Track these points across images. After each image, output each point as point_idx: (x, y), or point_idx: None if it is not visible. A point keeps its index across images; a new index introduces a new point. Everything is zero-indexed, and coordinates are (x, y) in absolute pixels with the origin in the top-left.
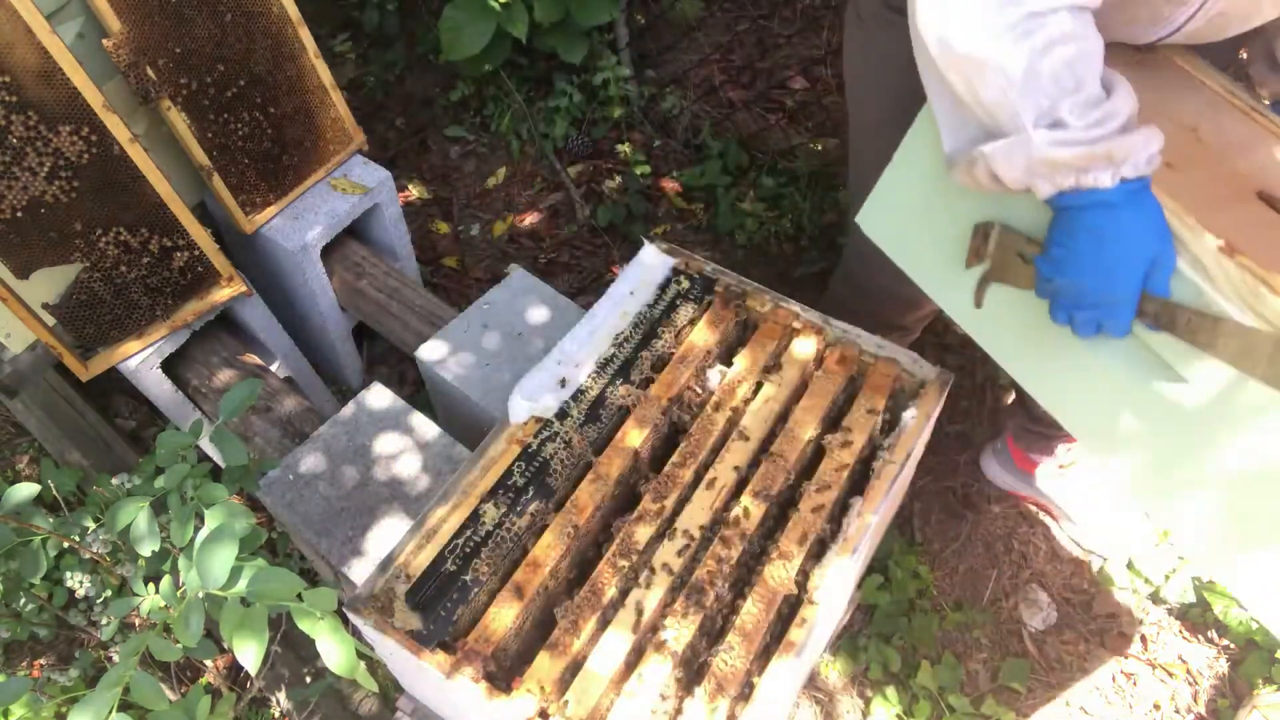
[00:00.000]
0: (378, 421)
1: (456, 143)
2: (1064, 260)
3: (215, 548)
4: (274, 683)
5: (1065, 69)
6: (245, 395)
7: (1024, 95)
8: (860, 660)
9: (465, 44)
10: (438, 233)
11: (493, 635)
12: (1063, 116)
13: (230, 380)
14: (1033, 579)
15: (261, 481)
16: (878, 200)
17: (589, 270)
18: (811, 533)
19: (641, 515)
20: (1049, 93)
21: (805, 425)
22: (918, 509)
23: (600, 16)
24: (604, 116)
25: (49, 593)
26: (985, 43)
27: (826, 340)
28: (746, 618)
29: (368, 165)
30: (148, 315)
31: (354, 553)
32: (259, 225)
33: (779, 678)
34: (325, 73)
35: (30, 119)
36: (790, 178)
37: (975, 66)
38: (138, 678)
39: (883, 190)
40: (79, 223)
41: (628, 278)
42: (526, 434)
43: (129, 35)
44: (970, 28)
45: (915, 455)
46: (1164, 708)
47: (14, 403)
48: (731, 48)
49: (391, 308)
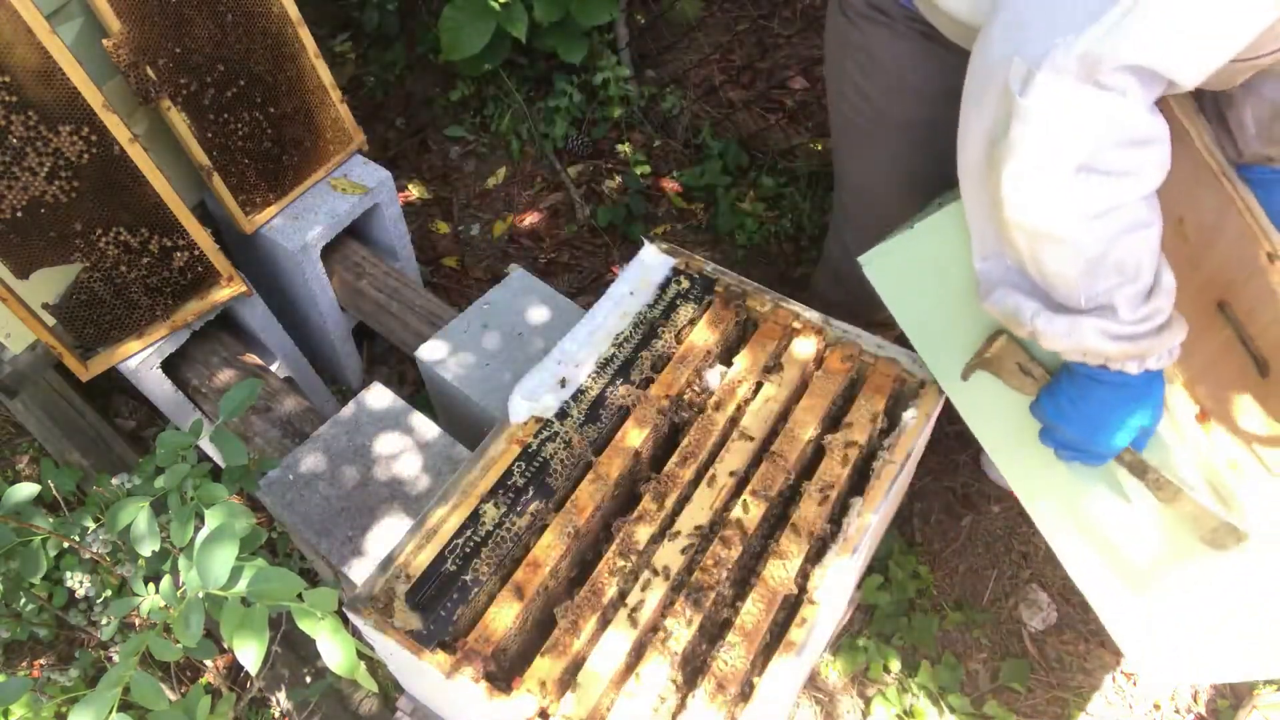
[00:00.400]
0: (378, 421)
1: (456, 143)
2: (1068, 414)
3: (215, 548)
4: (274, 683)
5: (1130, 256)
6: (245, 395)
7: (1087, 277)
8: (860, 660)
9: (465, 44)
10: (438, 233)
11: (493, 635)
12: (1115, 303)
13: (230, 380)
14: (1033, 579)
15: (261, 481)
16: (888, 255)
17: (589, 270)
18: (811, 533)
19: (641, 515)
20: (1110, 279)
21: (805, 425)
22: (918, 509)
23: (600, 16)
24: (604, 116)
25: (49, 593)
26: (1066, 222)
27: (827, 340)
28: (747, 617)
29: (368, 165)
30: (148, 315)
31: (354, 553)
32: (259, 225)
33: (779, 677)
34: (325, 73)
35: (30, 119)
36: (790, 178)
37: (1048, 240)
38: (138, 678)
39: (896, 249)
40: (79, 223)
41: (628, 278)
42: (526, 434)
43: (129, 35)
44: (1056, 204)
45: (915, 455)
46: (1164, 708)
47: (14, 403)
48: (731, 48)
49: (391, 308)
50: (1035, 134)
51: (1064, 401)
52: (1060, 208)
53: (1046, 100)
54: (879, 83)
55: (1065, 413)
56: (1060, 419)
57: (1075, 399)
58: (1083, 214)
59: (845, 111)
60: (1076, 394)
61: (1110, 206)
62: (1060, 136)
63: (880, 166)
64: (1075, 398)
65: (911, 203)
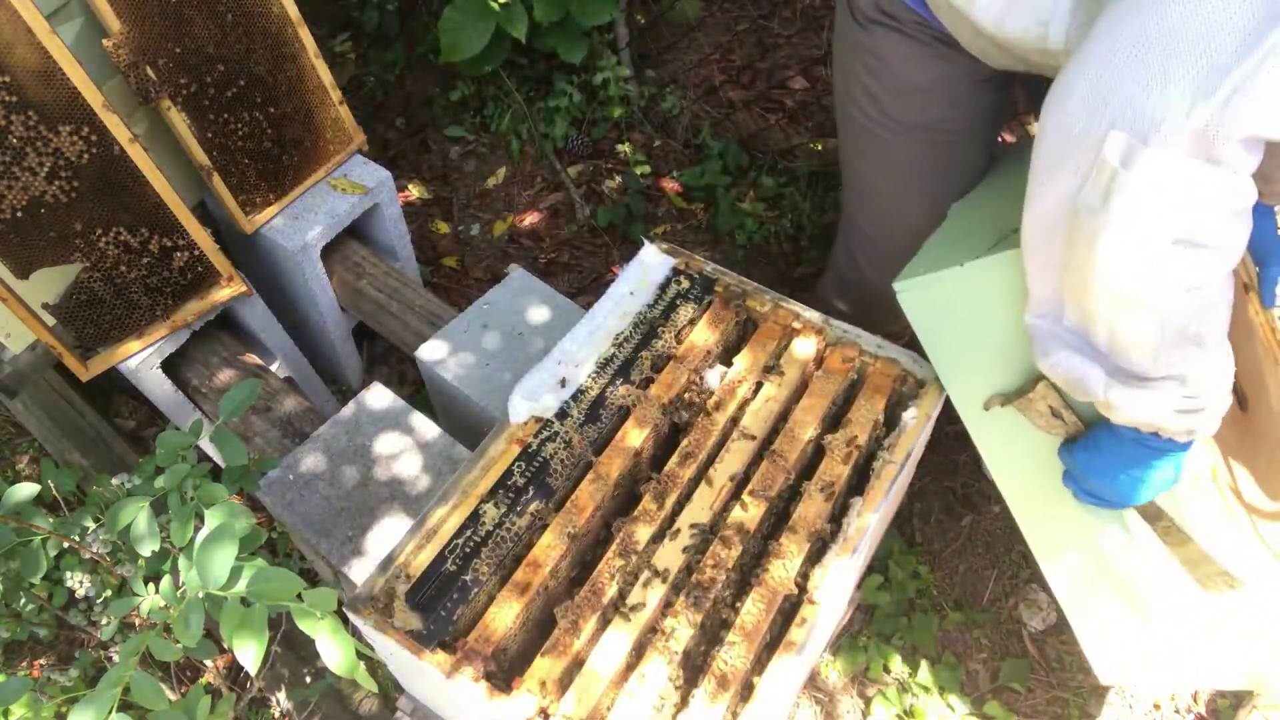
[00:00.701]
0: (378, 421)
1: (456, 143)
2: (1101, 470)
3: (215, 547)
4: (274, 683)
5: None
6: (245, 395)
7: (1165, 348)
8: (860, 660)
9: (464, 45)
10: (438, 233)
11: (493, 635)
12: (1187, 375)
13: (230, 380)
14: (1033, 579)
15: (261, 481)
16: (928, 288)
17: (589, 270)
18: (811, 533)
19: (641, 515)
20: (1187, 349)
21: (805, 425)
22: (918, 509)
23: (600, 16)
24: (604, 116)
25: (49, 593)
26: (1162, 293)
27: (827, 340)
28: (747, 617)
29: (368, 165)
30: (148, 315)
31: (354, 553)
32: (259, 225)
33: (779, 677)
34: (325, 73)
35: (30, 119)
36: (790, 178)
37: (1136, 309)
38: (138, 678)
39: (938, 284)
40: (79, 223)
41: (628, 278)
42: (526, 434)
43: (129, 35)
44: (1154, 275)
45: (915, 455)
46: (1164, 708)
47: (14, 403)
48: (731, 48)
49: (391, 308)
50: (1141, 208)
51: (1100, 459)
52: (1159, 279)
53: (1155, 175)
54: (888, 85)
55: (1099, 468)
56: (1093, 474)
57: (1115, 458)
58: (1179, 285)
59: (853, 114)
60: (1117, 454)
61: (1207, 280)
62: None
63: (887, 169)
64: (1115, 457)
65: (919, 208)
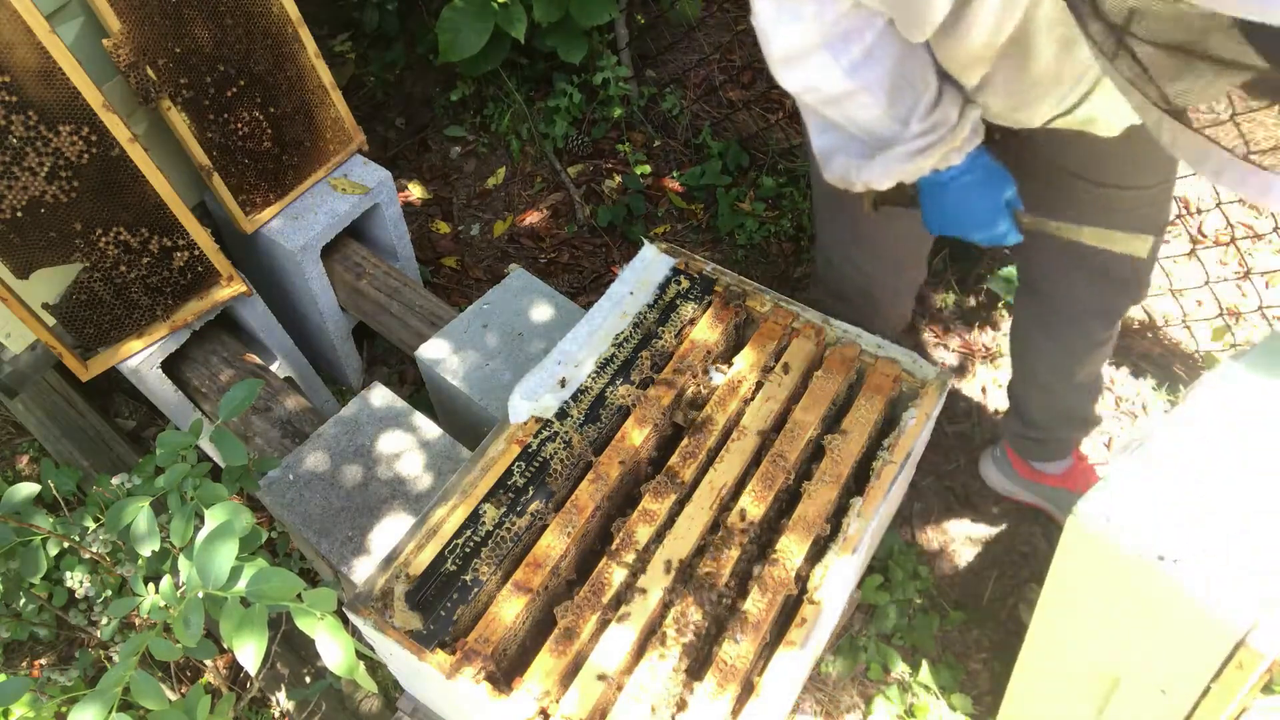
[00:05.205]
0: (378, 421)
1: (456, 143)
2: (941, 218)
3: (215, 547)
4: (274, 683)
5: (904, 78)
6: (245, 395)
7: (892, 107)
8: (860, 660)
9: (464, 45)
10: (438, 233)
11: (493, 635)
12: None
13: (230, 380)
14: (1033, 579)
15: (261, 481)
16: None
17: (589, 270)
18: (811, 532)
19: (641, 515)
20: (907, 102)
21: (805, 425)
22: (918, 509)
23: (600, 16)
24: (604, 116)
25: (49, 593)
26: (843, 78)
27: (826, 340)
28: (748, 616)
29: (368, 165)
30: (148, 315)
31: (354, 553)
32: (259, 225)
33: (780, 676)
34: (325, 73)
35: (30, 119)
36: (790, 178)
37: (847, 97)
38: (138, 678)
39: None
40: (79, 223)
41: (627, 278)
42: (526, 434)
43: (129, 35)
44: (827, 70)
45: (915, 455)
46: None
47: (14, 403)
48: (731, 48)
49: (391, 308)
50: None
51: (933, 211)
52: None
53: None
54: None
55: (938, 218)
56: (943, 227)
57: (939, 205)
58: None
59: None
60: (936, 201)
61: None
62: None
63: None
64: (939, 204)
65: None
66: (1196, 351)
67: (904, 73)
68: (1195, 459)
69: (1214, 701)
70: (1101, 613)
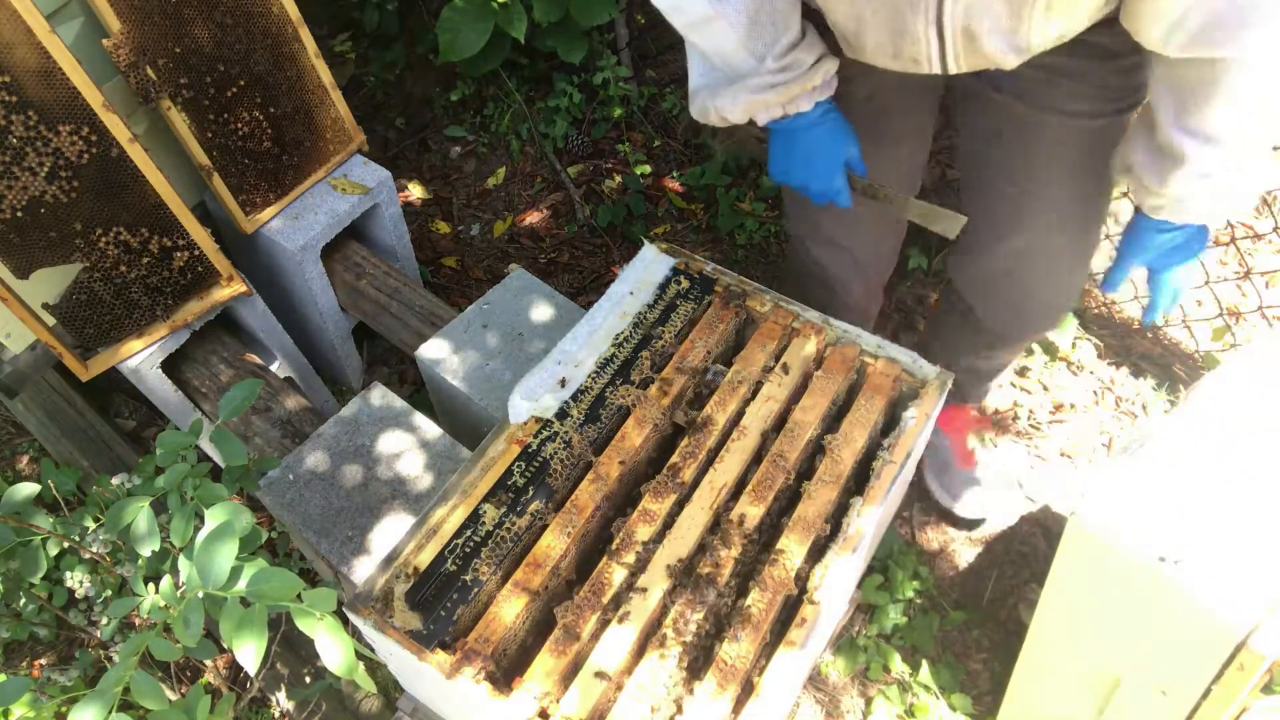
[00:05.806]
0: (378, 421)
1: (456, 143)
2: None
3: (215, 547)
4: (274, 683)
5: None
6: (245, 395)
7: (750, 39)
8: (860, 660)
9: (463, 45)
10: (438, 233)
11: (493, 635)
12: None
13: (230, 380)
14: (1033, 579)
15: (261, 481)
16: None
17: (589, 270)
18: (811, 532)
19: (641, 515)
20: (765, 37)
21: (805, 425)
22: (918, 509)
23: (600, 16)
24: (604, 116)
25: (49, 593)
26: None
27: (826, 340)
28: (748, 617)
29: (368, 165)
30: (148, 315)
31: (354, 553)
32: (259, 225)
33: (780, 676)
34: (325, 73)
35: (30, 119)
36: None
37: (706, 23)
38: (138, 678)
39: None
40: (79, 223)
41: (627, 278)
42: (526, 434)
43: (129, 35)
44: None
45: (915, 455)
46: None
47: (14, 403)
48: None
49: (391, 308)
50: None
51: (778, 157)
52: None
53: None
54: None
55: (782, 166)
56: (785, 174)
57: (784, 151)
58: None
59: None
60: (783, 147)
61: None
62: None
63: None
64: (784, 151)
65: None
66: (1196, 351)
67: (766, 8)
68: (1195, 459)
69: (1215, 702)
70: (1102, 613)
